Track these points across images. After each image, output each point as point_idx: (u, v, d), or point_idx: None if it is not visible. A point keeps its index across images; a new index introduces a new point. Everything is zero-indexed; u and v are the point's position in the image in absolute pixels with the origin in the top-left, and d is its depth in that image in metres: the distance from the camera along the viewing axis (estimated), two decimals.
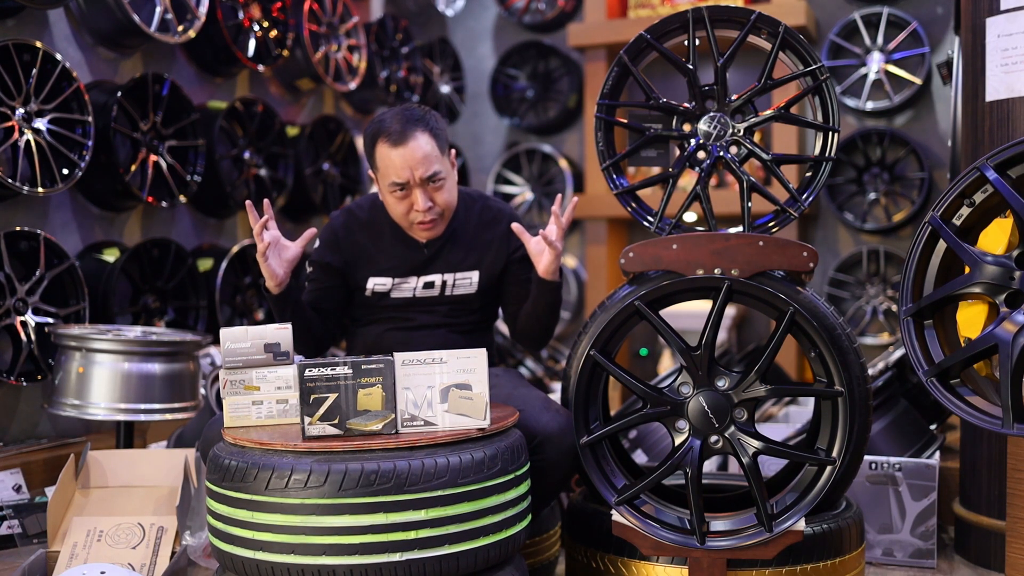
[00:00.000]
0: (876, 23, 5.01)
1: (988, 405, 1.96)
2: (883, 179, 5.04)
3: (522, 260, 2.58)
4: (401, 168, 2.39)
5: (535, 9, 5.75)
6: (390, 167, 2.41)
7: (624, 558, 2.27)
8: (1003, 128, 2.64)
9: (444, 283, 2.53)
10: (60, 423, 3.50)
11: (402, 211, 2.45)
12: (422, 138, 2.40)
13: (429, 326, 2.56)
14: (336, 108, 5.16)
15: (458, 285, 2.54)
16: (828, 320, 2.26)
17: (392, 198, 2.45)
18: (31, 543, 2.85)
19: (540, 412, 2.26)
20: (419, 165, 2.39)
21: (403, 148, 2.39)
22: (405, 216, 2.46)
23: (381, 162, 2.44)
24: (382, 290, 2.53)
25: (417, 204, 2.41)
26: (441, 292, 2.54)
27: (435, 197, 2.43)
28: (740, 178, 2.34)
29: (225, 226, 4.37)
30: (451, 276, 2.53)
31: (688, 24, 2.34)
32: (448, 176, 2.46)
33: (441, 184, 2.43)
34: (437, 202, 2.44)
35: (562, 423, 2.25)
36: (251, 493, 1.90)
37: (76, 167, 3.37)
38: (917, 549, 2.78)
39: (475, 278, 2.54)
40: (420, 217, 2.43)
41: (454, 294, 2.54)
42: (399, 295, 2.54)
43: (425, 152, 2.39)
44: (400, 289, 2.53)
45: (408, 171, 2.39)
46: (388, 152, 2.41)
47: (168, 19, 3.77)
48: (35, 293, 3.28)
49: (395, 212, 2.47)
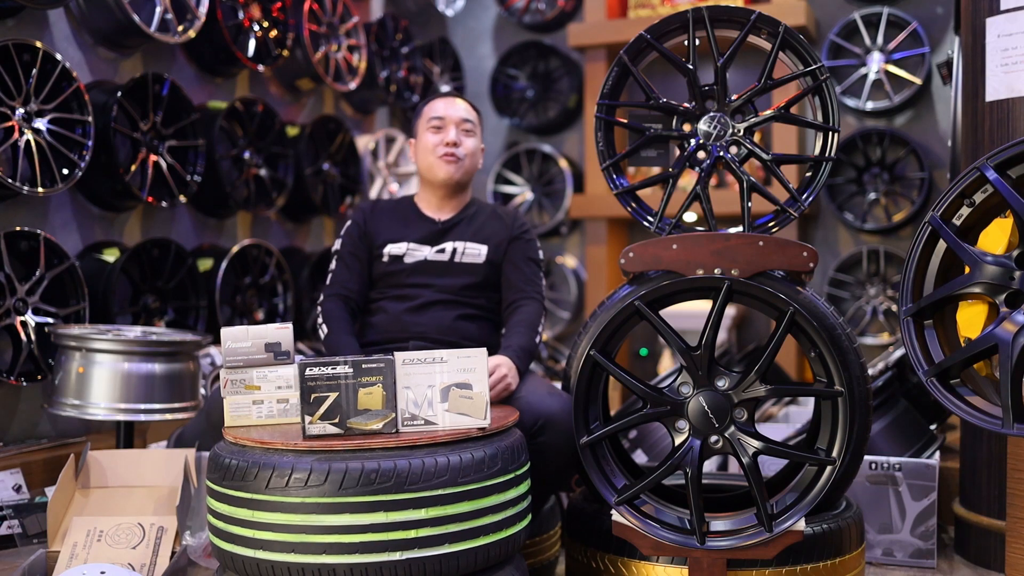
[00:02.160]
0: (876, 23, 5.01)
1: (988, 405, 1.96)
2: (883, 179, 5.04)
3: (516, 240, 2.76)
4: (443, 108, 2.77)
5: (535, 9, 5.75)
6: (435, 107, 2.78)
7: (624, 558, 2.27)
8: (1003, 128, 2.64)
9: (455, 250, 2.73)
10: (60, 423, 3.50)
11: (434, 143, 2.74)
12: (464, 102, 2.83)
13: (439, 303, 2.67)
14: (336, 108, 5.16)
15: (467, 254, 2.73)
16: (828, 320, 2.26)
17: (429, 133, 2.76)
18: (31, 543, 2.86)
19: (543, 396, 2.36)
20: (459, 109, 2.78)
21: (448, 99, 2.82)
22: (434, 149, 2.74)
23: (428, 109, 2.79)
24: (398, 253, 2.73)
25: (448, 136, 2.73)
26: (451, 258, 2.72)
27: (463, 139, 2.75)
28: (740, 178, 2.34)
29: (225, 226, 4.37)
30: (461, 244, 2.74)
31: (688, 24, 2.34)
32: (477, 133, 2.80)
33: (471, 132, 2.77)
34: (463, 143, 2.75)
35: (564, 405, 2.34)
36: (252, 492, 1.90)
37: (76, 167, 3.37)
38: (917, 549, 2.78)
39: (483, 251, 2.74)
40: (446, 150, 2.72)
41: (463, 261, 2.72)
42: (411, 260, 2.73)
43: (466, 107, 2.80)
44: (413, 255, 2.73)
45: (448, 109, 2.77)
46: (434, 102, 2.80)
47: (168, 19, 3.77)
48: (35, 293, 3.28)
49: (427, 145, 2.76)
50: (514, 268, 2.73)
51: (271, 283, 4.37)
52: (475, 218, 2.79)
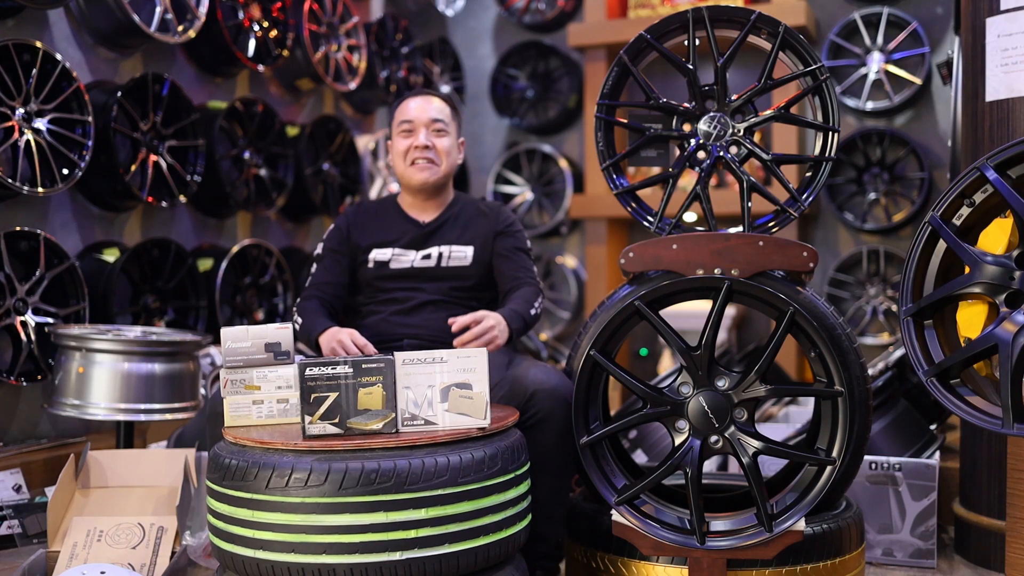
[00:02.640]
0: (876, 23, 5.01)
1: (988, 405, 1.96)
2: (883, 179, 5.04)
3: (502, 234, 2.72)
4: (412, 110, 2.70)
5: (535, 9, 5.75)
6: (405, 108, 2.71)
7: (624, 558, 2.27)
8: (1003, 128, 2.64)
9: (440, 254, 2.69)
10: (60, 423, 3.50)
11: (404, 147, 2.69)
12: (438, 99, 2.73)
13: (430, 304, 2.65)
14: (336, 108, 5.16)
15: (453, 257, 2.69)
16: (828, 320, 2.26)
17: (399, 138, 2.70)
18: (31, 543, 2.85)
19: (534, 369, 2.35)
20: (428, 111, 2.69)
21: (419, 98, 2.72)
22: (405, 154, 2.68)
23: (397, 112, 2.72)
24: (383, 259, 2.69)
25: (417, 139, 2.66)
26: (438, 263, 2.68)
27: (435, 141, 2.68)
28: (740, 178, 2.34)
29: (225, 226, 4.37)
30: (447, 248, 2.69)
31: (688, 24, 2.34)
32: (451, 132, 2.71)
33: (442, 133, 2.69)
34: (436, 145, 2.68)
35: (555, 376, 2.33)
36: (252, 492, 1.90)
37: (76, 167, 3.37)
38: (917, 549, 2.78)
39: (469, 252, 2.69)
40: (418, 154, 2.66)
41: (450, 265, 2.68)
42: (398, 266, 2.68)
43: (437, 106, 2.70)
44: (399, 260, 2.69)
45: (417, 112, 2.69)
46: (406, 102, 2.72)
47: (168, 19, 3.77)
48: (35, 293, 3.28)
49: (398, 150, 2.70)
50: (504, 260, 2.69)
51: (271, 283, 4.37)
52: (459, 217, 2.74)
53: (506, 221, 2.74)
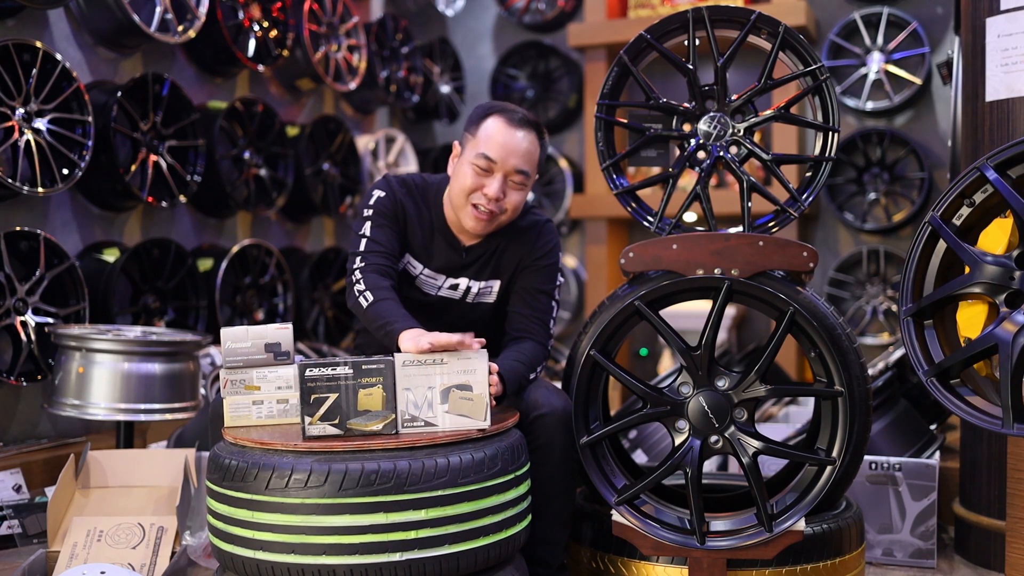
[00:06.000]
0: (876, 23, 5.01)
1: (988, 405, 1.96)
2: (883, 179, 5.04)
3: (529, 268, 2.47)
4: (501, 146, 2.31)
5: (535, 9, 5.75)
6: (492, 140, 2.31)
7: (624, 558, 2.27)
8: (1003, 128, 2.64)
9: (468, 289, 2.45)
10: (60, 423, 3.50)
11: (469, 186, 2.33)
12: (532, 138, 2.36)
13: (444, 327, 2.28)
14: (336, 108, 5.16)
15: (481, 292, 2.47)
16: (828, 320, 2.26)
17: (471, 170, 2.33)
18: (31, 543, 2.85)
19: (542, 390, 2.27)
20: (518, 155, 2.32)
21: (516, 131, 2.33)
22: (467, 193, 2.33)
23: (484, 132, 2.33)
24: (412, 272, 2.43)
25: (489, 189, 2.32)
26: (463, 297, 2.46)
27: (510, 194, 2.35)
28: (740, 178, 2.34)
29: (225, 226, 4.37)
30: (476, 284, 2.46)
31: (688, 24, 2.34)
32: (527, 187, 2.38)
33: (521, 186, 2.36)
34: (508, 199, 2.35)
35: (556, 399, 2.25)
36: (251, 493, 1.90)
37: (76, 167, 3.37)
38: (917, 549, 2.78)
39: (496, 287, 2.47)
40: (483, 202, 2.32)
41: (475, 301, 2.48)
42: (423, 289, 2.44)
43: (529, 149, 2.34)
44: (426, 284, 2.44)
45: (505, 152, 2.31)
46: (500, 127, 2.32)
47: (168, 19, 3.77)
48: (35, 293, 3.28)
49: (461, 184, 2.34)
50: (520, 300, 2.44)
51: (271, 283, 4.37)
52: (498, 250, 2.44)
53: (540, 251, 2.46)
